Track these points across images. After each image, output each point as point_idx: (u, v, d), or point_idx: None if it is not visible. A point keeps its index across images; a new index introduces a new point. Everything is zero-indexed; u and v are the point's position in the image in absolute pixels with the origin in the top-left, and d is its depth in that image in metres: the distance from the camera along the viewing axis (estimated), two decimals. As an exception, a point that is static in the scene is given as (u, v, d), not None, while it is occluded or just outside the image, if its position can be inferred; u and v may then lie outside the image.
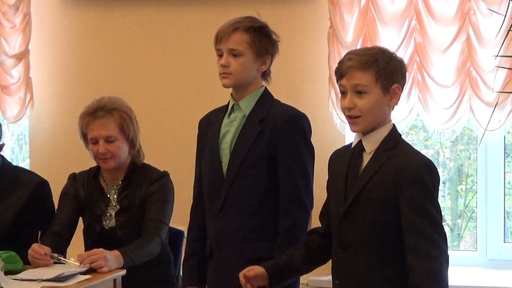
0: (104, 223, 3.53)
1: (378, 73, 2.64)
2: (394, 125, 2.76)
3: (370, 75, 2.65)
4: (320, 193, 3.07)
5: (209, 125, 3.14)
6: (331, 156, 2.90)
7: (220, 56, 3.02)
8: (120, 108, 3.53)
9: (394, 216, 2.63)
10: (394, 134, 2.73)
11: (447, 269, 2.64)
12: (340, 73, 2.71)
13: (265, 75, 3.09)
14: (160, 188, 3.52)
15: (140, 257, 3.32)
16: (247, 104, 3.04)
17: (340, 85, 2.72)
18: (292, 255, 2.87)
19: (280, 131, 2.97)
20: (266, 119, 3.00)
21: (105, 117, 3.48)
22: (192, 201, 3.30)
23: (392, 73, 2.67)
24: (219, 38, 3.02)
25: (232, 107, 3.07)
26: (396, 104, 2.72)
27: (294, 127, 2.99)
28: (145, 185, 3.53)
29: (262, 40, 3.01)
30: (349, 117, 2.70)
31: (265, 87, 3.08)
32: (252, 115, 3.03)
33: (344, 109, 2.71)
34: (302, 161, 3.00)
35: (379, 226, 2.66)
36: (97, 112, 3.50)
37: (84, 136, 3.55)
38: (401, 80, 2.70)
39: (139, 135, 3.59)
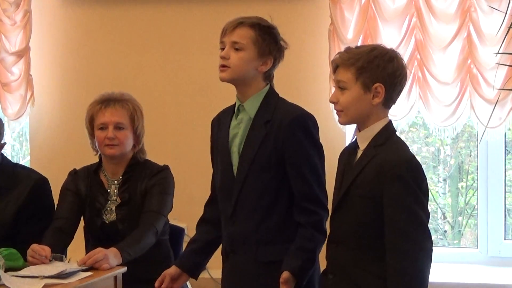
0: (104, 217, 3.54)
1: (357, 71, 2.69)
2: (390, 121, 2.77)
3: (350, 72, 2.70)
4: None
5: (220, 126, 3.12)
6: (341, 152, 2.93)
7: (223, 49, 3.00)
8: (132, 101, 3.60)
9: (379, 212, 2.65)
10: (386, 130, 2.74)
11: (427, 266, 2.63)
12: (332, 69, 2.80)
13: (267, 77, 3.05)
14: (160, 180, 3.55)
15: (137, 251, 3.34)
16: (251, 106, 3.01)
17: (333, 81, 2.81)
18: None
19: (285, 133, 2.94)
20: (271, 121, 2.97)
21: (118, 105, 3.55)
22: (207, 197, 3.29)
23: (374, 72, 2.68)
24: (224, 31, 3.00)
25: (238, 108, 3.05)
26: (382, 102, 2.71)
27: (298, 128, 2.96)
28: (146, 179, 3.55)
29: (266, 39, 2.98)
30: (335, 110, 2.78)
31: (270, 86, 3.05)
32: (257, 117, 3.00)
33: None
34: (311, 161, 2.97)
35: (365, 222, 2.69)
36: (109, 101, 3.56)
37: (91, 124, 3.57)
38: (388, 80, 2.69)
39: (144, 135, 3.62)
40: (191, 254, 3.18)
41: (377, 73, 2.68)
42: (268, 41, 2.99)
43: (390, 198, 2.62)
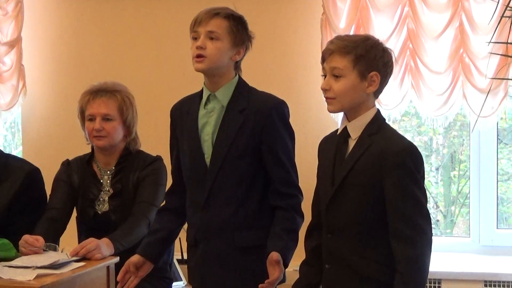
0: (97, 207, 3.55)
1: (355, 59, 2.69)
2: (378, 110, 2.79)
3: (347, 60, 2.69)
4: (313, 180, 3.08)
5: (182, 115, 3.13)
6: (320, 142, 2.95)
7: (195, 39, 3.01)
8: (122, 92, 3.58)
9: (380, 199, 2.67)
10: (377, 119, 2.76)
11: (429, 253, 2.67)
12: (323, 56, 2.78)
13: (237, 67, 3.08)
14: (152, 171, 3.55)
15: (130, 241, 3.34)
16: (224, 95, 3.03)
17: (322, 68, 2.78)
18: (307, 274, 2.91)
19: (264, 121, 2.98)
20: (247, 109, 3.00)
21: (106, 96, 3.54)
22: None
23: (371, 61, 2.70)
24: (198, 21, 3.01)
25: (208, 98, 3.06)
26: (374, 91, 2.73)
27: (277, 116, 3.00)
28: (138, 169, 3.56)
29: (240, 29, 3.02)
30: (326, 98, 2.78)
31: (239, 76, 3.08)
32: (231, 105, 3.02)
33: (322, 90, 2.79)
34: (287, 147, 3.02)
35: (365, 210, 2.70)
36: (99, 91, 3.56)
37: (82, 114, 3.58)
38: (382, 69, 2.72)
39: (137, 124, 3.61)
40: (156, 243, 3.16)
41: (374, 62, 2.70)
42: (241, 31, 3.02)
43: (393, 185, 2.64)
